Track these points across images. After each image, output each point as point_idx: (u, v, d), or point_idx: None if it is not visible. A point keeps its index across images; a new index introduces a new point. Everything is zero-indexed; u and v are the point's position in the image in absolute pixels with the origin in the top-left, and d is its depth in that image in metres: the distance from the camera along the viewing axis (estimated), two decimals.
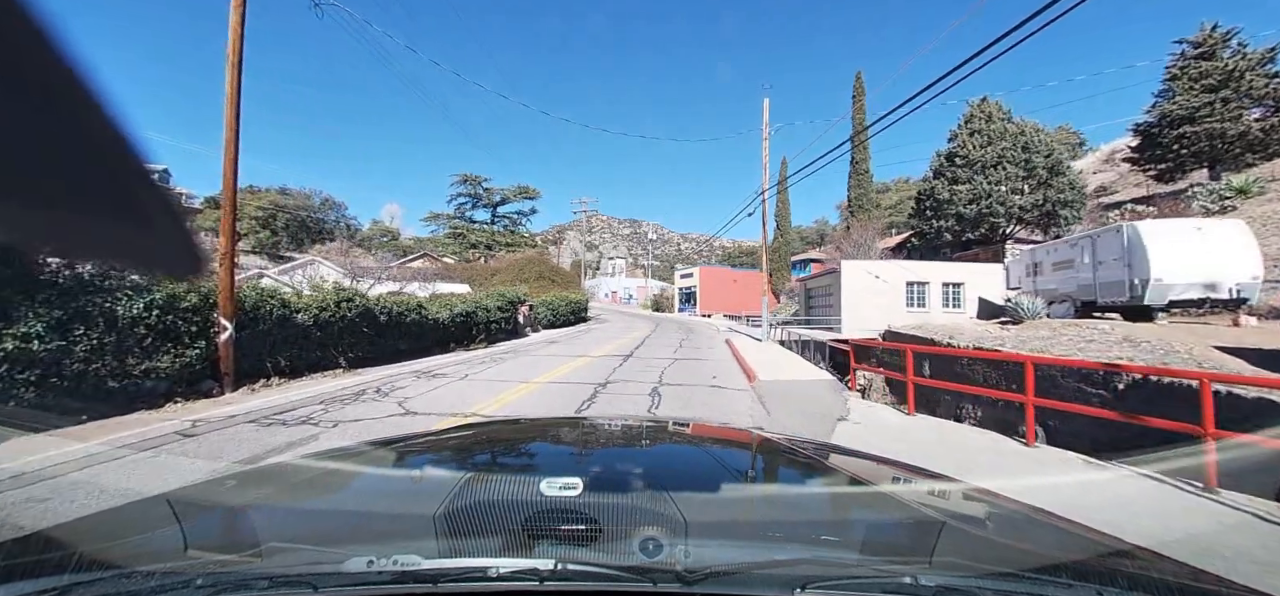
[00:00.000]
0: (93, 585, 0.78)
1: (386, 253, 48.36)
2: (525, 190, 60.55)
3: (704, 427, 2.68)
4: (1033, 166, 25.43)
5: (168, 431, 5.95)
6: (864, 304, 22.03)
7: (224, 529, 1.20)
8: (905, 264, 22.79)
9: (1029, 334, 13.85)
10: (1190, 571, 0.96)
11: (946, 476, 1.66)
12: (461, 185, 58.73)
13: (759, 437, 2.05)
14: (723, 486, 1.45)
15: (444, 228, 57.90)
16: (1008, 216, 25.68)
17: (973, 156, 26.54)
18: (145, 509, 1.31)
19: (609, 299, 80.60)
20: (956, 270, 23.21)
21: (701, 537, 1.03)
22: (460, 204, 59.25)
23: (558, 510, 1.08)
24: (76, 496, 3.89)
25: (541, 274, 40.38)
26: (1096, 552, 1.08)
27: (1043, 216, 25.67)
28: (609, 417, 2.43)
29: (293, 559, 0.92)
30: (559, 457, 1.77)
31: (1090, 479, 4.86)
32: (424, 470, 1.54)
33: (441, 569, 0.80)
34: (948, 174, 27.62)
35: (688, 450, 1.94)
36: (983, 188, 25.73)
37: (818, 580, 0.78)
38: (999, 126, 26.73)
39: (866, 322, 21.95)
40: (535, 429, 2.24)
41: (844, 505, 1.42)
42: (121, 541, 1.06)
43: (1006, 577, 0.86)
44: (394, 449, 1.78)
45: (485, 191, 59.26)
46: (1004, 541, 1.20)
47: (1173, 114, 26.86)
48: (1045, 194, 25.19)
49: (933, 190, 28.27)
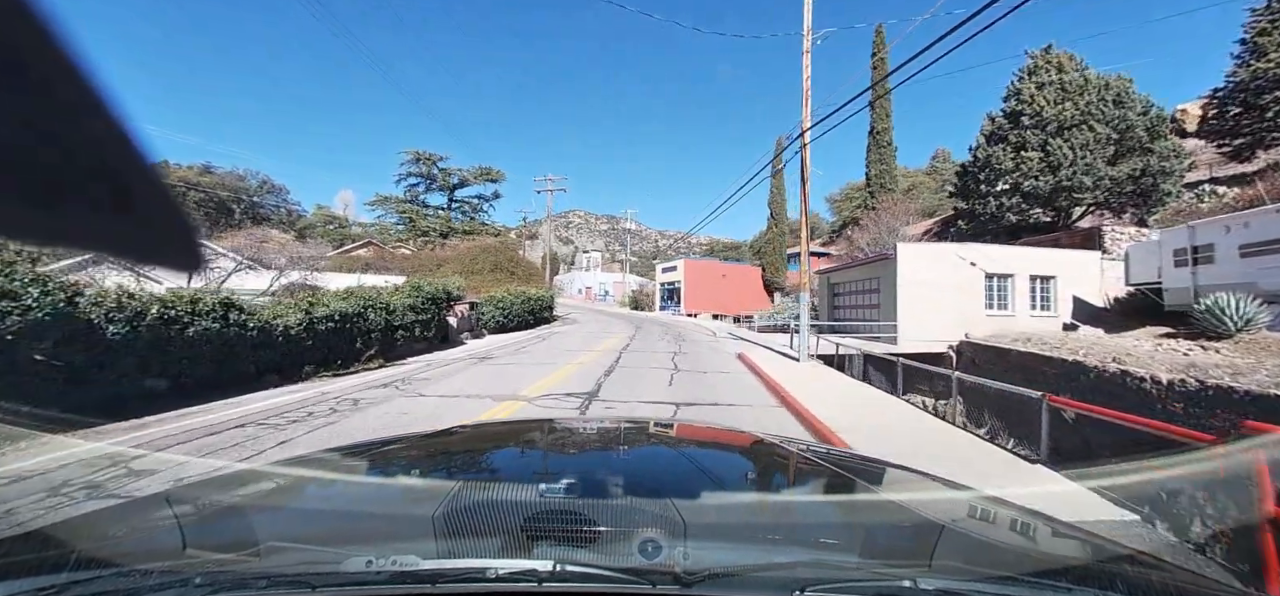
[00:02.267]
0: (91, 583, 0.79)
1: (331, 241, 42.05)
2: (488, 172, 53.19)
3: (703, 429, 2.94)
4: (1129, 127, 19.57)
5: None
6: (922, 303, 15.78)
7: (222, 528, 1.17)
8: (984, 248, 16.61)
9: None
10: (1190, 575, 0.96)
11: (947, 480, 1.61)
12: (413, 164, 51.07)
13: (758, 439, 1.99)
14: (722, 488, 1.45)
15: (391, 212, 50.23)
16: (1096, 190, 19.75)
17: (1046, 115, 20.56)
18: (144, 507, 1.36)
19: (582, 296, 73.69)
20: (1048, 259, 17.09)
21: (700, 539, 1.01)
22: (411, 185, 51.65)
23: (556, 511, 1.09)
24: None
25: (498, 264, 33.45)
26: (1097, 556, 1.08)
27: (1136, 193, 19.87)
28: (608, 418, 2.50)
29: (291, 558, 0.92)
30: (558, 459, 1.71)
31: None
32: (423, 470, 1.56)
33: (440, 569, 0.79)
34: (1010, 137, 21.62)
35: (687, 451, 1.93)
36: (1062, 154, 19.77)
37: (817, 582, 0.78)
38: (1074, 79, 20.82)
39: (927, 329, 15.69)
40: (535, 429, 2.21)
41: (843, 508, 1.40)
42: (119, 539, 1.05)
43: (1006, 581, 0.85)
44: (394, 449, 1.79)
45: (441, 172, 51.72)
46: (1004, 544, 1.19)
47: (1267, 72, 21.25)
48: (1144, 162, 19.36)
49: (988, 159, 22.24)
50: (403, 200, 50.76)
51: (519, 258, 35.90)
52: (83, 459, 4.86)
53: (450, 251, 35.38)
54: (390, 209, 50.33)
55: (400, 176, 50.94)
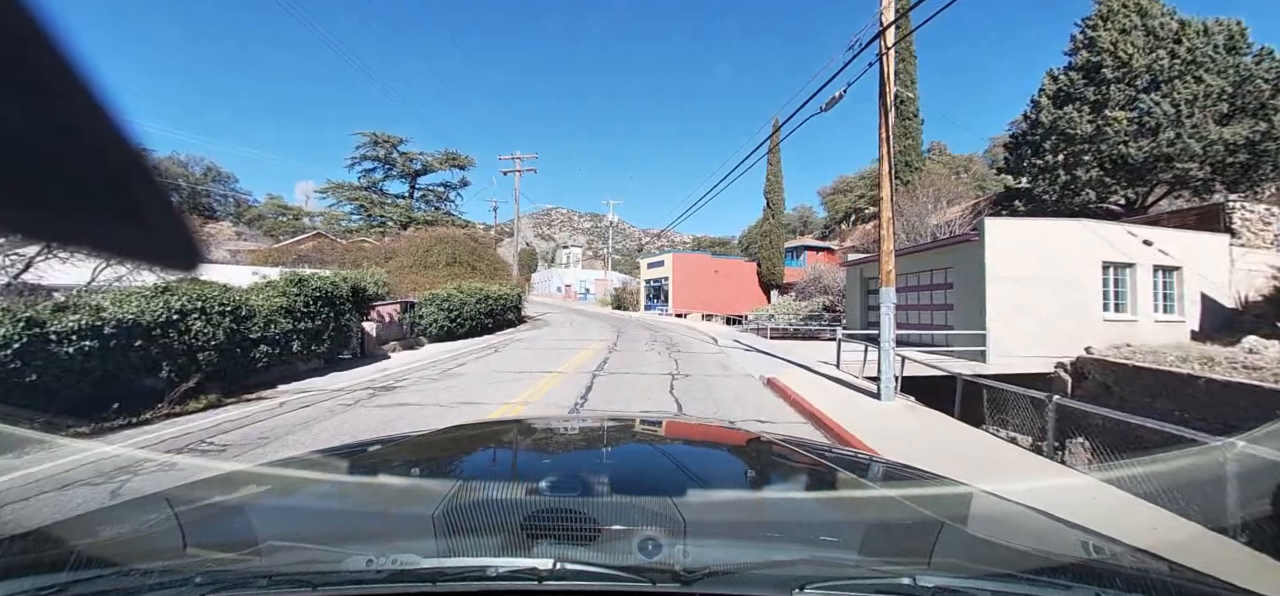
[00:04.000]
0: (92, 582, 0.78)
1: (285, 233, 37.97)
2: (454, 158, 47.76)
3: (703, 428, 2.93)
4: (1245, 80, 15.39)
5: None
6: (1016, 303, 11.27)
7: (223, 527, 1.17)
8: (1098, 226, 12.12)
9: None
10: (1190, 572, 0.93)
11: (946, 478, 1.59)
12: (370, 146, 45.43)
13: (757, 437, 1.98)
14: (722, 487, 1.43)
15: (345, 201, 44.61)
16: (1206, 158, 15.49)
17: (1135, 65, 16.30)
18: (144, 507, 1.32)
19: (561, 294, 68.63)
20: (1174, 243, 12.68)
21: (700, 537, 1.00)
22: (367, 170, 46.04)
23: (556, 510, 1.08)
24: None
25: (456, 257, 28.39)
26: (1097, 552, 1.05)
27: (1249, 162, 15.71)
28: (608, 417, 2.38)
29: (291, 557, 0.90)
30: (559, 457, 1.68)
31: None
32: (423, 469, 1.53)
33: (440, 568, 0.78)
34: (1085, 95, 17.33)
35: (687, 450, 1.90)
36: (1162, 112, 15.49)
37: (816, 580, 0.77)
38: (1163, 22, 16.63)
39: (1021, 341, 11.23)
40: (535, 429, 2.16)
41: (843, 506, 1.37)
42: (120, 539, 1.04)
43: (1005, 578, 0.84)
44: (394, 448, 1.78)
45: (401, 156, 46.16)
46: (1003, 542, 1.18)
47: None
48: (1267, 124, 15.20)
49: (1054, 124, 17.90)
50: (357, 187, 45.14)
51: (485, 250, 30.70)
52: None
53: (405, 242, 30.00)
54: (342, 197, 44.68)
55: (354, 160, 45.23)
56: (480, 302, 19.83)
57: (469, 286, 20.24)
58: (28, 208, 0.33)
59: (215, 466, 4.88)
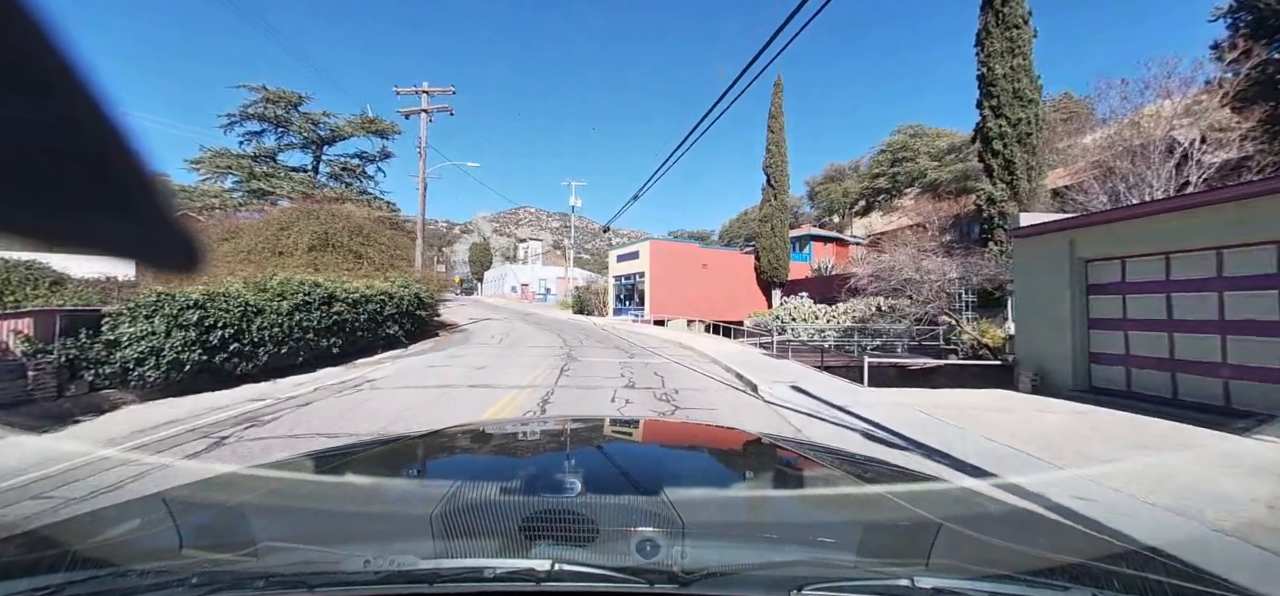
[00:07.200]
0: (87, 583, 0.76)
1: None
2: (372, 123, 37.24)
3: (701, 429, 2.99)
4: None
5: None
6: None
7: (219, 528, 1.14)
8: None
9: None
10: (1190, 571, 0.93)
11: (945, 479, 1.49)
12: (261, 104, 34.91)
13: (755, 438, 1.97)
14: (720, 487, 1.44)
15: (221, 173, 34.01)
16: None
17: None
18: (140, 508, 1.30)
19: (517, 294, 58.84)
20: None
21: (698, 538, 1.00)
22: (254, 133, 35.55)
23: (554, 511, 1.07)
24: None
25: (329, 240, 18.85)
26: (1093, 553, 1.05)
27: None
28: (606, 418, 2.38)
29: (288, 558, 0.90)
30: (557, 459, 1.67)
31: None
32: (421, 470, 1.52)
33: (437, 569, 0.78)
34: None
35: (685, 451, 1.89)
36: None
37: (814, 581, 0.76)
38: None
39: None
40: (533, 430, 2.15)
41: (841, 506, 1.37)
42: (116, 539, 1.02)
43: (1003, 579, 0.84)
44: (391, 449, 1.77)
45: (303, 119, 35.81)
46: (1001, 543, 1.17)
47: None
48: None
49: None
50: (240, 155, 34.57)
51: (379, 233, 21.03)
52: None
53: (238, 223, 20.10)
54: (219, 168, 34.05)
55: (233, 119, 34.61)
56: (329, 310, 10.70)
57: (286, 281, 10.91)
58: (27, 207, 0.33)
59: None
